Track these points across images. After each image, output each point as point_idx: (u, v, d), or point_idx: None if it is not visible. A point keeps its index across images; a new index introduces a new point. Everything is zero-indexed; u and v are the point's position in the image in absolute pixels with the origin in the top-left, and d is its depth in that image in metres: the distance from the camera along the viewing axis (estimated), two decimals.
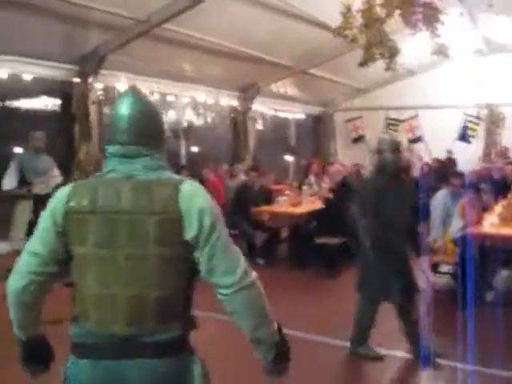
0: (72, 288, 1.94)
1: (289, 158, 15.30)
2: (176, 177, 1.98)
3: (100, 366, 1.85)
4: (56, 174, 7.77)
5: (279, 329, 2.07)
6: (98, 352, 1.85)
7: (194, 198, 1.87)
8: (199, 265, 1.89)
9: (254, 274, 1.97)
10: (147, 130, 1.96)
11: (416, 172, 11.25)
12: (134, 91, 2.06)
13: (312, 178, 11.13)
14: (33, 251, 1.90)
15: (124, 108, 1.95)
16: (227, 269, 1.89)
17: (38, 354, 2.08)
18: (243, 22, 9.28)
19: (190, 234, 1.84)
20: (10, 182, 7.18)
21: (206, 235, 1.85)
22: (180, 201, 1.84)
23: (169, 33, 9.05)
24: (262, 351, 2.04)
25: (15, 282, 1.91)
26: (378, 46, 6.91)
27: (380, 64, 7.52)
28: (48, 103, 9.54)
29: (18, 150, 7.97)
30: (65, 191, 1.93)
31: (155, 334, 1.84)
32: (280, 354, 2.06)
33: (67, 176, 8.42)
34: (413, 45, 8.62)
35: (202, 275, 1.92)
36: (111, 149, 1.96)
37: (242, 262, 1.96)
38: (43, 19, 7.78)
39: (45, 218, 1.93)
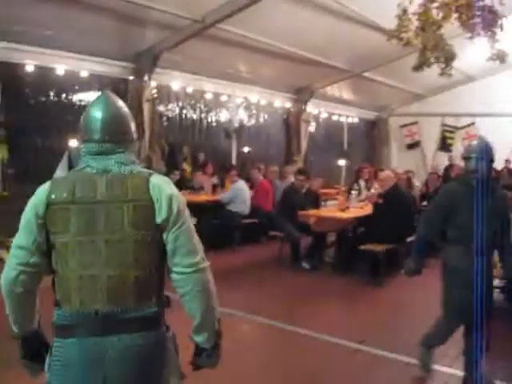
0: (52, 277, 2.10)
1: (341, 162, 15.12)
2: (146, 170, 2.18)
3: (85, 343, 2.00)
4: None
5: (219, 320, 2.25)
6: (82, 330, 2.01)
7: (162, 187, 2.10)
8: (166, 245, 2.09)
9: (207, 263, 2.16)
10: (119, 130, 2.17)
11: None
12: (106, 94, 2.25)
13: (362, 183, 10.97)
14: (18, 245, 2.05)
15: (98, 110, 2.15)
16: (190, 250, 2.10)
17: (35, 351, 2.20)
18: (299, 24, 9.23)
19: (160, 217, 2.05)
20: (60, 173, 7.34)
21: (173, 218, 2.07)
22: (150, 190, 2.07)
23: (224, 33, 9.09)
24: (204, 337, 2.20)
25: (6, 273, 2.05)
26: (433, 49, 6.72)
27: (437, 69, 7.33)
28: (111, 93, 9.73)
29: (73, 143, 8.14)
30: (45, 186, 2.09)
31: (134, 310, 2.03)
32: (218, 344, 2.26)
33: None
34: (471, 50, 8.39)
35: (167, 255, 2.11)
36: (87, 147, 2.15)
37: (201, 248, 2.18)
38: (100, 17, 7.94)
39: (27, 212, 2.07)
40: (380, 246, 7.51)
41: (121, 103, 2.24)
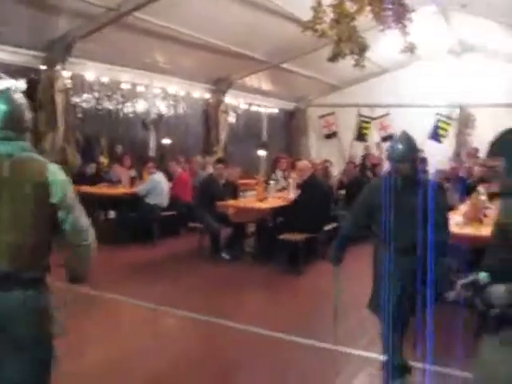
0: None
1: (260, 152, 15.24)
2: (42, 158, 2.59)
3: None
4: None
5: None
6: None
7: (57, 173, 2.54)
8: (62, 223, 2.53)
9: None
10: (19, 120, 2.58)
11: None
12: (8, 91, 2.67)
13: (279, 174, 11.08)
14: None
15: (1, 103, 2.54)
16: (79, 230, 2.57)
17: None
18: (217, 15, 9.17)
19: (55, 198, 2.48)
20: None
21: (66, 201, 2.52)
22: (48, 173, 2.49)
23: (141, 22, 8.92)
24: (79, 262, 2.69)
25: None
26: (347, 41, 6.88)
27: (351, 60, 7.49)
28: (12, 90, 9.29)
29: None
30: None
31: (29, 271, 2.44)
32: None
33: None
34: (384, 42, 8.63)
35: (65, 231, 2.55)
36: None
37: (89, 227, 2.63)
38: (9, 3, 7.58)
39: None
40: (299, 235, 7.62)
41: (20, 97, 2.65)
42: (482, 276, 2.49)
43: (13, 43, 8.57)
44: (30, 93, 9.20)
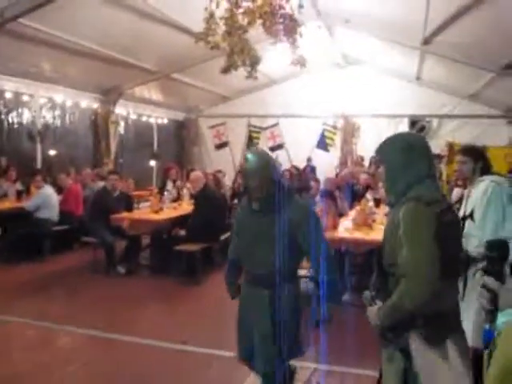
0: None
1: (152, 163, 15.09)
2: None
3: None
4: None
5: None
6: None
7: None
8: None
9: None
10: None
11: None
12: None
13: (170, 184, 11.02)
14: None
15: None
16: None
17: None
18: (103, 22, 8.95)
19: None
20: None
21: None
22: None
23: (26, 29, 8.54)
24: None
25: None
26: (239, 53, 6.99)
27: (243, 72, 7.61)
28: None
29: None
30: None
31: None
32: None
33: None
34: (275, 55, 8.84)
35: None
36: None
37: None
38: None
39: None
40: (196, 246, 7.64)
41: None
42: (366, 295, 2.59)
43: None
44: None
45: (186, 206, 9.26)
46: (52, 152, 11.53)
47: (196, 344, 5.21)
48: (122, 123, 13.85)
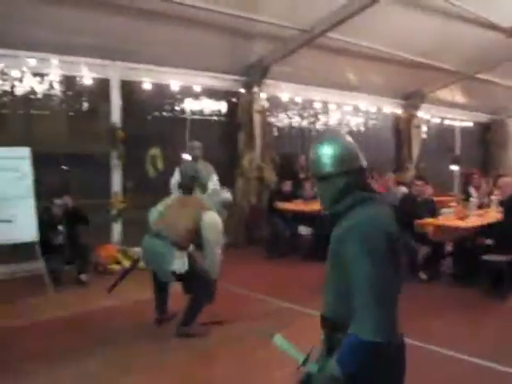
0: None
1: (453, 167, 14.56)
2: None
3: None
4: (214, 180, 7.92)
5: None
6: None
7: None
8: None
9: None
10: None
11: None
12: None
13: (472, 190, 10.45)
14: None
15: None
16: None
17: None
18: (407, 28, 8.98)
19: None
20: (172, 187, 7.58)
21: None
22: None
23: (331, 41, 9.04)
24: None
25: None
26: None
27: None
28: (215, 113, 9.92)
29: (186, 156, 8.34)
30: None
31: None
32: None
33: (230, 183, 8.73)
34: None
35: None
36: None
37: None
38: (212, 34, 8.17)
39: None
40: (503, 256, 7.10)
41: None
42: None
43: (214, 70, 9.28)
44: (230, 116, 9.83)
45: (494, 214, 8.67)
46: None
47: (495, 361, 4.81)
48: (424, 127, 13.68)
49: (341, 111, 11.74)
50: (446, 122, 14.64)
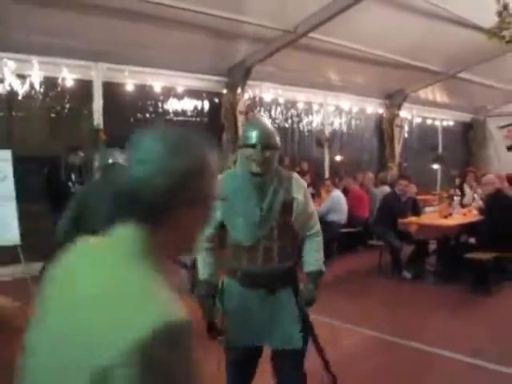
0: None
1: (435, 166, 14.68)
2: None
3: None
4: None
5: None
6: None
7: None
8: None
9: None
10: None
11: None
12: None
13: (467, 189, 10.56)
14: None
15: None
16: None
17: None
18: (389, 28, 9.03)
19: None
20: None
21: None
22: None
23: (314, 42, 9.06)
24: None
25: None
26: None
27: None
28: (198, 114, 9.90)
29: None
30: None
31: None
32: None
33: None
34: None
35: None
36: None
37: None
38: (195, 35, 8.15)
39: None
40: (488, 254, 7.16)
41: None
42: None
43: (197, 71, 9.25)
44: (213, 116, 9.81)
45: (477, 212, 8.76)
46: (338, 157, 12.00)
47: (486, 359, 4.84)
48: (406, 127, 13.77)
49: (324, 111, 11.75)
50: (429, 121, 14.75)
